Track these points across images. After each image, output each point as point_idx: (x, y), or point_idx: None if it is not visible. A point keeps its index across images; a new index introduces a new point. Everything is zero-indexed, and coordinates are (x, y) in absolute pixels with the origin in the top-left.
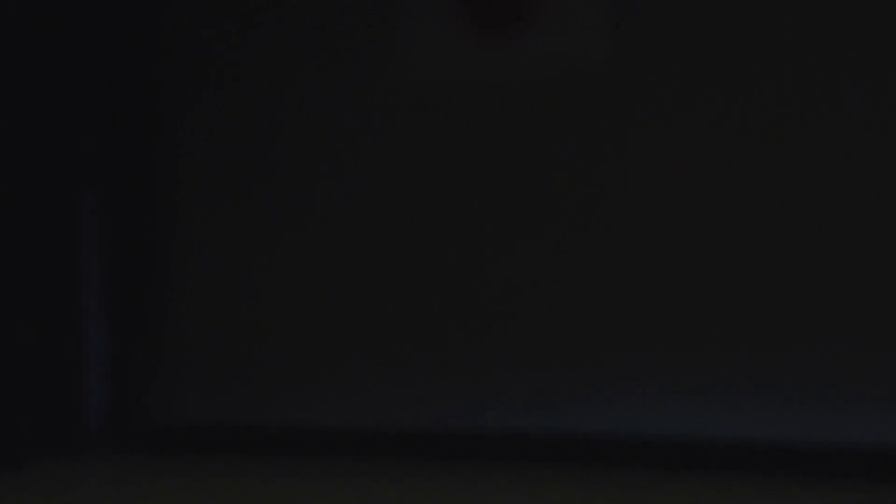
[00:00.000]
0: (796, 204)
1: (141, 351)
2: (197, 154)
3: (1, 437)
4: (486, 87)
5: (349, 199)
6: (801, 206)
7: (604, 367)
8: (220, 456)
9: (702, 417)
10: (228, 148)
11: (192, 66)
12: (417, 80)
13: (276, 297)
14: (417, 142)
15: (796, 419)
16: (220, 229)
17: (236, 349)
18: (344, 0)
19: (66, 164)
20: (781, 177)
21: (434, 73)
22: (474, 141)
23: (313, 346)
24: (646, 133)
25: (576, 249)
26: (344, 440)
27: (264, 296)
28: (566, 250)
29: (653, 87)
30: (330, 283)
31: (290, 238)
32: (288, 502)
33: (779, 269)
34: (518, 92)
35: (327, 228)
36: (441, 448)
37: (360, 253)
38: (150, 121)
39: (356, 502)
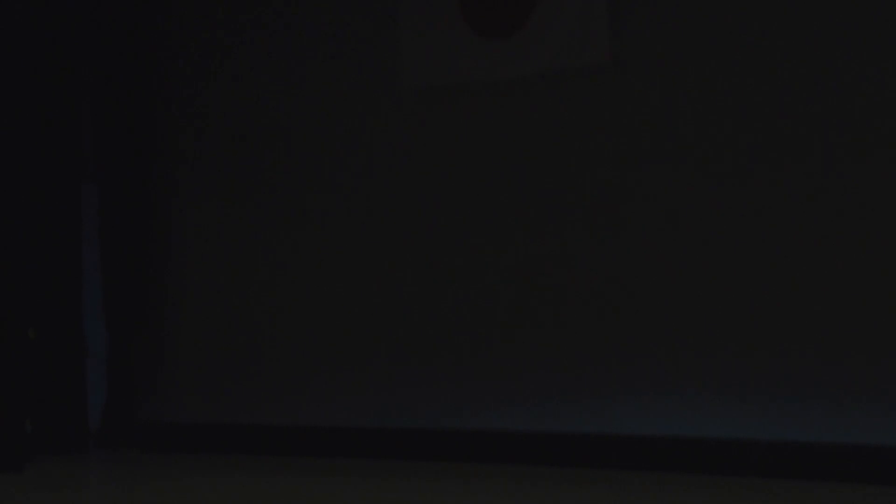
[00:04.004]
0: (796, 205)
1: (140, 351)
2: (198, 154)
3: (2, 438)
4: (486, 87)
5: (349, 199)
6: (802, 207)
7: (604, 368)
8: (219, 455)
9: (701, 418)
10: (229, 148)
11: (192, 67)
12: (417, 81)
13: (273, 299)
14: (416, 142)
15: (796, 419)
16: (219, 231)
17: (235, 350)
18: (344, 1)
19: (68, 164)
20: (781, 179)
21: (434, 73)
22: (473, 141)
23: (311, 347)
24: (644, 135)
25: (575, 251)
26: (341, 439)
27: (262, 297)
28: (566, 252)
29: (652, 87)
30: (328, 283)
31: (288, 239)
32: (287, 500)
33: (779, 271)
34: (518, 92)
35: (327, 229)
36: (441, 448)
37: (359, 254)
38: (151, 121)
39: (355, 502)
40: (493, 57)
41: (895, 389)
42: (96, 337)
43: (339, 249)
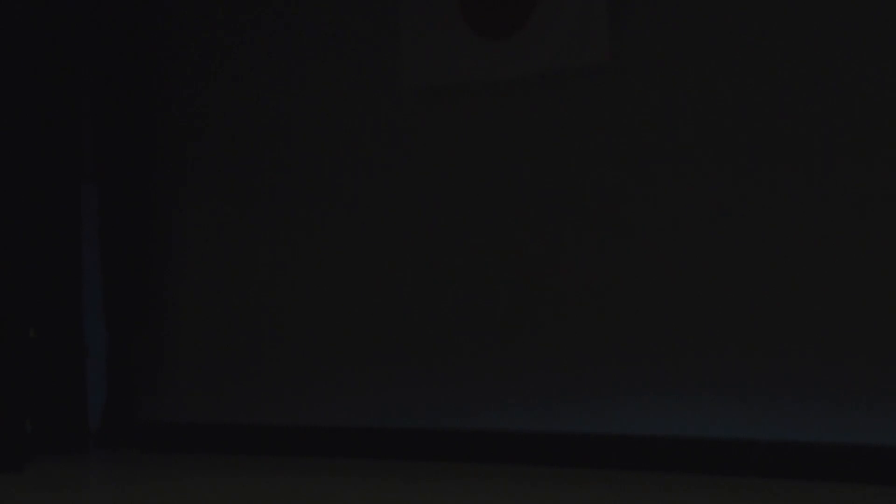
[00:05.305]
0: (796, 205)
1: (140, 351)
2: (198, 154)
3: (2, 438)
4: (486, 87)
5: (349, 199)
6: (802, 207)
7: (604, 368)
8: (219, 455)
9: (701, 418)
10: (229, 148)
11: (192, 67)
12: (417, 81)
13: (273, 299)
14: (416, 142)
15: (796, 419)
16: (219, 231)
17: (235, 350)
18: (344, 1)
19: (68, 164)
20: (781, 179)
21: (434, 73)
22: (473, 141)
23: (311, 347)
24: (644, 135)
25: (575, 251)
26: (341, 439)
27: (262, 297)
28: (566, 252)
29: (652, 87)
30: (328, 283)
31: (289, 239)
32: (287, 500)
33: (779, 271)
34: (518, 92)
35: (327, 229)
36: (441, 448)
37: (359, 254)
38: (151, 121)
39: (355, 502)
40: (493, 57)
41: (895, 389)
42: (96, 337)
43: (339, 249)
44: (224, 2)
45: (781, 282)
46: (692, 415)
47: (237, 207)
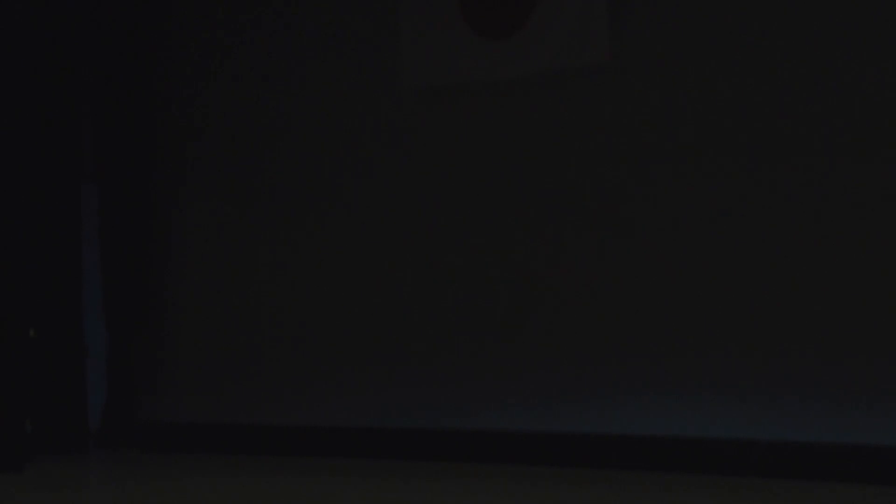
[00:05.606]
0: (796, 205)
1: (140, 351)
2: (198, 154)
3: (2, 438)
4: (486, 87)
5: (349, 199)
6: (802, 207)
7: (604, 368)
8: (219, 455)
9: (701, 418)
10: (229, 148)
11: (192, 67)
12: (417, 81)
13: (273, 299)
14: (416, 142)
15: (797, 419)
16: (219, 231)
17: (235, 350)
18: (344, 1)
19: (68, 164)
20: (781, 179)
21: (434, 73)
22: (473, 141)
23: (311, 347)
24: (644, 135)
25: (575, 251)
26: (341, 439)
27: (262, 298)
28: (566, 252)
29: (652, 87)
30: (328, 283)
31: (289, 239)
32: (287, 500)
33: (779, 271)
34: (518, 92)
35: (327, 229)
36: (441, 448)
37: (359, 254)
38: (151, 121)
39: (355, 502)
40: (493, 57)
41: (895, 389)
42: (96, 337)
43: (339, 249)
44: (224, 2)
45: (781, 282)
46: (692, 415)
47: (237, 207)
